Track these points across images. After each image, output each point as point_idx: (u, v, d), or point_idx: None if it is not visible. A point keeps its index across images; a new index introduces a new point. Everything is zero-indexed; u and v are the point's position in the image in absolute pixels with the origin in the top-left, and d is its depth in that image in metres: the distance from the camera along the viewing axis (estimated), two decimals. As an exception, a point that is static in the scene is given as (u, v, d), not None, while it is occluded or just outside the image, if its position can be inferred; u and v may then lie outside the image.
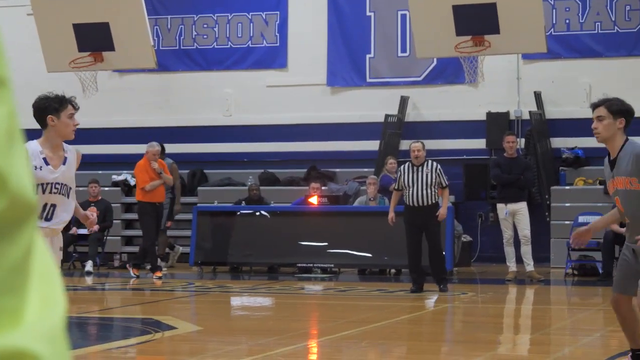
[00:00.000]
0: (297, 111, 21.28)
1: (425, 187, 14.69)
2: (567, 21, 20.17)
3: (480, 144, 20.43)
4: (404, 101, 20.68)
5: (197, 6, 22.02)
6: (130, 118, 22.01)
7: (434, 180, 14.74)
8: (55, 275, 1.05)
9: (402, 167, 15.14)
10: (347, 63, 21.25)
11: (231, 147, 21.72)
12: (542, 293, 16.28)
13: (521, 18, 16.73)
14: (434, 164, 14.96)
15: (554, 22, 20.10)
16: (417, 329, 12.00)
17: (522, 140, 19.75)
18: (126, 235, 21.31)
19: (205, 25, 22.01)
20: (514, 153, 17.18)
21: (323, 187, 19.67)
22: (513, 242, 16.89)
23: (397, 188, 14.99)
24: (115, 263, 20.22)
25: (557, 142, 20.05)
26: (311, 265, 17.90)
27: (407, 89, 20.85)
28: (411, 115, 20.86)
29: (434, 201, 14.73)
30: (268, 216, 18.88)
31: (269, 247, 18.28)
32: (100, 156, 21.31)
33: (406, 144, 16.80)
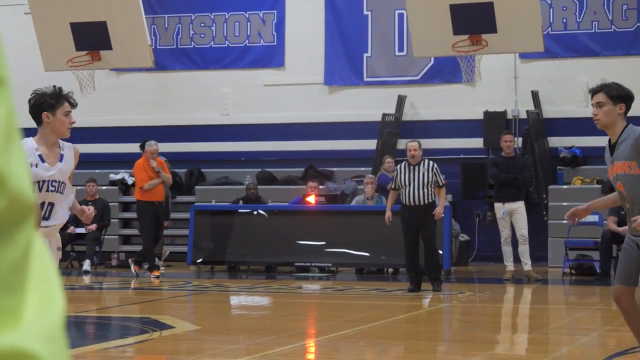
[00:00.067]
0: (294, 110, 21.28)
1: (422, 186, 14.70)
2: (564, 20, 20.18)
3: (477, 143, 20.44)
4: (401, 100, 20.68)
5: (195, 5, 22.02)
6: (128, 117, 22.01)
7: (431, 180, 14.75)
8: (53, 274, 1.05)
9: (398, 166, 15.15)
10: (345, 62, 21.25)
11: (229, 146, 21.73)
12: (540, 292, 16.28)
13: (518, 17, 16.73)
14: (431, 163, 14.97)
15: (551, 21, 20.12)
16: (414, 328, 12.00)
17: (520, 140, 19.75)
18: (124, 234, 21.30)
19: (202, 24, 22.01)
20: (512, 152, 17.19)
21: (320, 186, 19.67)
22: (511, 241, 16.90)
23: (393, 187, 15.00)
24: (113, 262, 20.21)
25: (554, 142, 20.05)
26: (309, 264, 17.91)
27: (405, 88, 20.86)
28: (408, 115, 20.87)
29: (430, 200, 14.73)
30: (266, 215, 18.88)
31: (267, 246, 18.28)
32: (97, 155, 21.30)
33: (404, 143, 16.80)
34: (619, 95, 7.52)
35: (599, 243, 17.04)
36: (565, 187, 19.52)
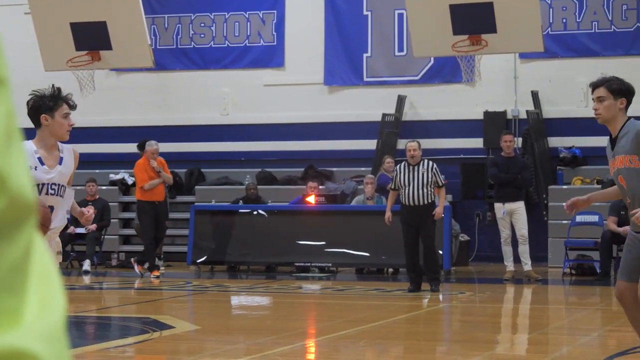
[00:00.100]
0: (294, 110, 21.28)
1: (421, 186, 14.69)
2: (564, 20, 20.18)
3: (477, 143, 20.44)
4: (401, 100, 20.68)
5: (194, 5, 22.02)
6: (128, 117, 22.01)
7: (430, 180, 14.74)
8: (54, 275, 1.05)
9: (398, 166, 15.14)
10: (344, 62, 21.25)
11: (228, 146, 21.73)
12: (540, 292, 16.28)
13: (518, 17, 16.73)
14: (430, 163, 14.96)
15: (551, 21, 20.11)
16: (414, 328, 11.99)
17: (520, 140, 19.75)
18: (124, 234, 21.30)
19: (202, 24, 22.01)
20: (512, 152, 17.19)
21: (320, 186, 19.67)
22: (511, 241, 16.89)
23: (393, 188, 15.00)
24: (113, 262, 20.21)
25: (554, 142, 20.05)
26: (309, 264, 17.91)
27: (404, 88, 20.86)
28: (408, 115, 20.87)
29: (430, 200, 14.73)
30: (266, 215, 18.88)
31: (267, 246, 18.28)
32: (97, 155, 21.30)
33: (403, 143, 16.79)
34: (620, 89, 7.43)
35: (599, 243, 17.04)
36: (565, 187, 19.51)
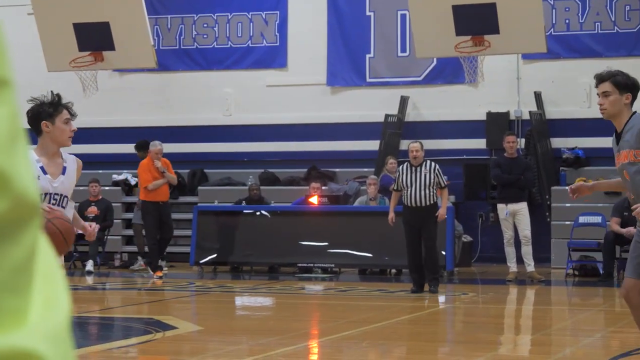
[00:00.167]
0: (297, 111, 21.28)
1: (424, 187, 14.68)
2: (567, 21, 20.17)
3: (480, 144, 20.43)
4: (403, 101, 20.68)
5: (197, 6, 22.03)
6: (131, 117, 22.02)
7: (433, 181, 14.73)
8: (59, 275, 1.05)
9: (400, 167, 15.13)
10: (347, 63, 21.25)
11: (231, 147, 21.73)
12: (543, 293, 16.27)
13: (521, 18, 16.73)
14: (433, 164, 14.95)
15: (554, 22, 20.11)
16: (417, 329, 11.99)
17: (522, 141, 19.75)
18: (127, 235, 21.30)
19: (205, 25, 22.02)
20: (514, 153, 17.18)
21: (323, 187, 19.67)
22: (513, 242, 16.88)
23: (395, 188, 14.99)
24: (116, 262, 20.22)
25: (557, 142, 20.04)
26: (312, 265, 17.91)
27: (407, 88, 20.86)
28: (411, 115, 20.87)
29: (432, 201, 14.71)
30: (268, 216, 18.88)
31: (270, 246, 18.28)
32: (100, 155, 21.32)
33: (406, 144, 16.79)
34: (626, 84, 7.31)
35: (602, 244, 17.02)
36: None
